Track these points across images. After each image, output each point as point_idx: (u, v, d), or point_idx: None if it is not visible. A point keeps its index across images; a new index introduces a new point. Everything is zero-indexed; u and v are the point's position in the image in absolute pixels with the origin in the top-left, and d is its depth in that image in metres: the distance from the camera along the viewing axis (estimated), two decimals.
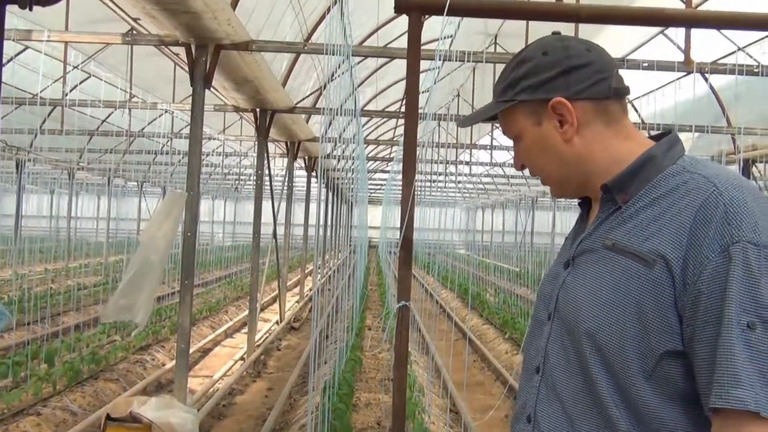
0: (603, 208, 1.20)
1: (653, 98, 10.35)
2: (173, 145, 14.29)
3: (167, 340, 8.68)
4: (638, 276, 1.08)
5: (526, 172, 1.34)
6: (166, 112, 11.28)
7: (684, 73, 8.05)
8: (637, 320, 1.07)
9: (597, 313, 1.11)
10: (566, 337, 1.17)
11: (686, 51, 6.62)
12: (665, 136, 1.21)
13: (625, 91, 1.22)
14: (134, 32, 6.38)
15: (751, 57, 8.12)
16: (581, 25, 6.77)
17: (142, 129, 12.97)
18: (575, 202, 1.33)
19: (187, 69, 5.54)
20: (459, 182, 21.96)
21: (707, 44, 8.38)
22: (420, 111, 5.62)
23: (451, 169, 17.34)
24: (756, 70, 6.12)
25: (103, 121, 12.92)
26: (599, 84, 1.19)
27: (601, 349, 1.10)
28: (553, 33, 1.27)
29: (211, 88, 6.79)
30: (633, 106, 11.47)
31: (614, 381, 1.09)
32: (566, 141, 1.21)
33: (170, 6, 4.46)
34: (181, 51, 5.84)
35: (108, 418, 4.25)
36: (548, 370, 1.20)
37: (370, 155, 19.42)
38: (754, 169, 10.62)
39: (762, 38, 8.09)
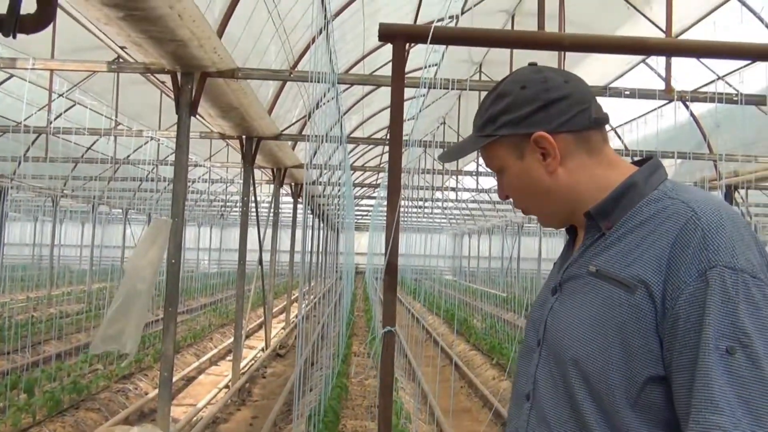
0: (588, 234, 1.21)
1: (636, 125, 10.50)
2: (159, 172, 14.24)
3: (150, 369, 8.56)
4: (620, 302, 1.08)
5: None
6: (152, 139, 11.26)
7: (665, 101, 8.19)
8: (621, 346, 1.07)
9: (582, 340, 1.11)
10: (553, 365, 1.17)
11: (667, 80, 6.75)
12: (648, 161, 1.22)
13: (605, 119, 1.23)
14: (120, 60, 6.41)
15: (730, 86, 8.27)
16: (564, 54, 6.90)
17: (128, 156, 12.93)
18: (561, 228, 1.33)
19: (172, 97, 5.56)
20: (445, 208, 22.03)
21: (688, 73, 8.54)
22: (405, 138, 5.66)
23: (437, 195, 17.42)
24: (735, 99, 6.24)
25: (88, 148, 12.87)
26: (579, 115, 1.20)
27: (586, 376, 1.10)
28: (530, 64, 1.28)
29: (197, 116, 6.81)
30: (616, 132, 11.62)
31: (600, 408, 1.09)
32: (550, 174, 1.22)
33: (156, 34, 4.48)
34: (167, 79, 5.86)
35: None
36: (537, 397, 1.19)
37: (356, 181, 19.47)
38: (736, 194, 10.76)
39: (741, 68, 8.26)
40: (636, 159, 1.27)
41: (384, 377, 2.83)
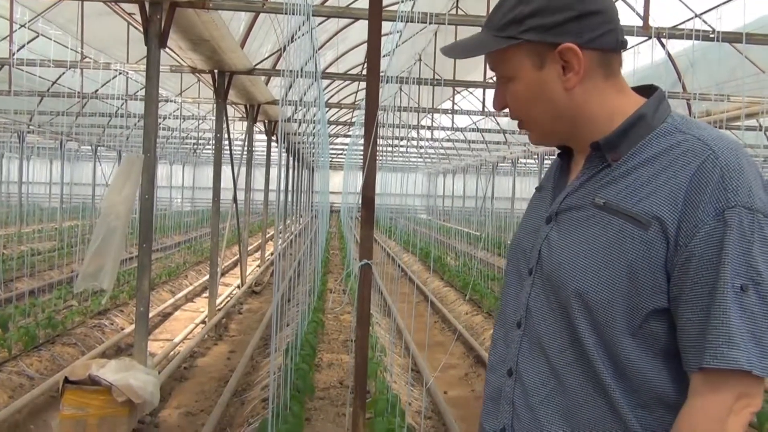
0: (590, 164, 1.18)
1: None
2: (128, 107, 13.92)
3: (126, 305, 8.57)
4: (632, 237, 1.08)
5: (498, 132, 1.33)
6: (120, 73, 10.94)
7: (643, 39, 8.15)
8: (628, 280, 1.08)
9: (587, 273, 1.11)
10: (551, 295, 1.16)
11: (645, 17, 6.68)
12: (649, 90, 1.20)
13: (626, 43, 1.19)
14: None
15: (706, 23, 8.26)
16: None
17: (96, 91, 12.58)
18: (534, 168, 1.33)
19: (140, 28, 5.38)
20: (420, 147, 21.98)
21: (666, 11, 8.50)
22: (381, 74, 5.58)
23: (413, 134, 17.33)
24: (712, 36, 6.23)
25: (54, 82, 12.49)
26: (609, 34, 1.14)
27: (589, 307, 1.10)
28: None
29: (167, 48, 6.61)
30: None
31: (600, 337, 1.11)
32: (566, 90, 1.15)
33: None
34: (134, 10, 5.65)
35: (66, 381, 4.21)
36: (531, 325, 1.19)
37: (331, 119, 19.26)
38: None
39: (718, 5, 8.23)
40: (637, 86, 1.23)
41: (361, 309, 2.88)
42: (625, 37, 1.20)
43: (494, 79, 1.25)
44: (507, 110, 1.26)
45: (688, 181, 1.05)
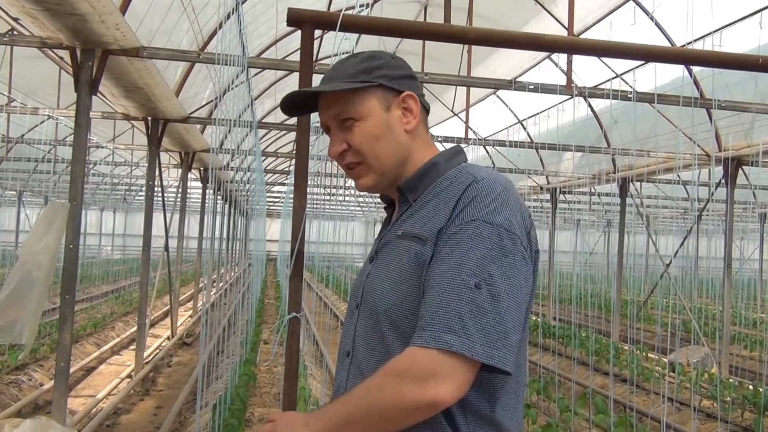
0: (401, 207, 1.41)
1: (539, 119, 10.89)
2: (58, 153, 13.50)
3: (46, 359, 8.16)
4: (416, 253, 1.28)
5: None
6: (49, 117, 10.66)
7: (566, 97, 8.54)
8: (418, 291, 1.25)
9: (390, 292, 1.28)
10: (369, 319, 1.32)
11: (568, 76, 7.01)
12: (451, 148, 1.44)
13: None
14: (14, 32, 6.02)
15: (627, 83, 8.73)
16: (474, 47, 7.05)
17: (22, 135, 12.18)
18: None
19: (72, 73, 5.29)
20: (357, 196, 22.09)
21: (591, 70, 8.95)
22: (316, 125, 5.63)
23: (350, 182, 17.41)
24: (629, 96, 6.59)
25: None
26: (423, 96, 1.43)
27: (395, 321, 1.26)
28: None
29: (99, 95, 6.50)
30: (522, 125, 12.02)
31: (407, 346, 1.23)
32: (406, 131, 1.39)
33: (53, 7, 4.25)
34: (66, 54, 5.56)
35: None
36: (356, 350, 1.34)
37: (268, 168, 19.19)
38: (630, 187, 11.39)
39: (635, 67, 8.73)
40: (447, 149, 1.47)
41: (289, 363, 2.83)
42: (548, 95, 1.42)
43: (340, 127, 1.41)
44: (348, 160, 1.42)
45: (455, 202, 1.28)
